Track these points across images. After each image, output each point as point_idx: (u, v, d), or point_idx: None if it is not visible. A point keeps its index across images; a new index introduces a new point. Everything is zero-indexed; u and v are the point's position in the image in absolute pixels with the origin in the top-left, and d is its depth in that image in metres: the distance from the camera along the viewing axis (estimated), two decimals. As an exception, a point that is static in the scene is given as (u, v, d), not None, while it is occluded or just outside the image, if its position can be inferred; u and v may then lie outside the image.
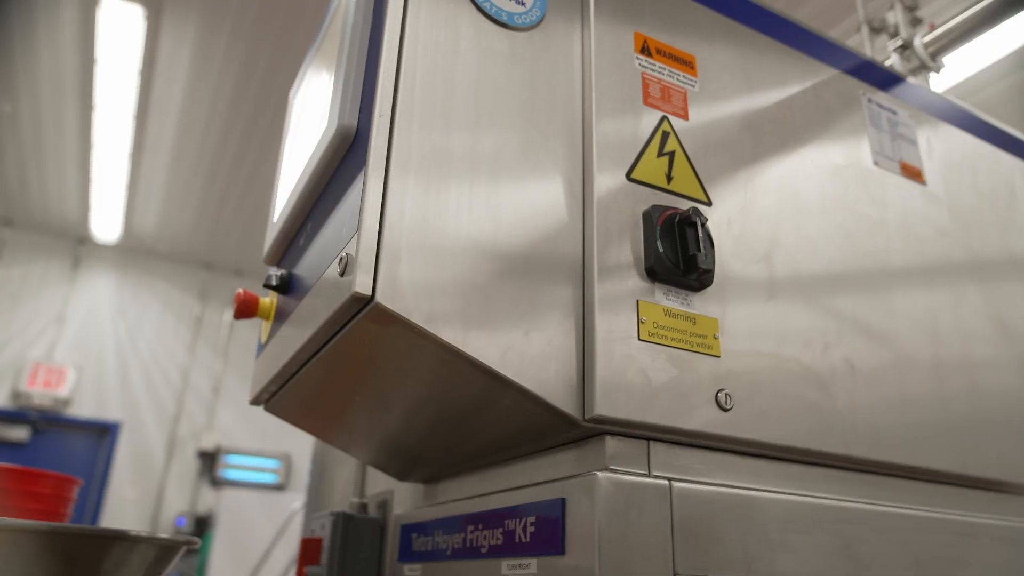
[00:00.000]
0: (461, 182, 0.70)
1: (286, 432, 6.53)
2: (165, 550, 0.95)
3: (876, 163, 1.03)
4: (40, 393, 6.19)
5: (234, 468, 6.59)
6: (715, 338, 0.76)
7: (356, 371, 0.75)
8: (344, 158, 0.76)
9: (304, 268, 0.82)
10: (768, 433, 0.76)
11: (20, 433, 6.11)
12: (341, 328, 0.68)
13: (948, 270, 1.04)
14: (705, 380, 0.73)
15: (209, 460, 6.63)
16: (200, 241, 6.81)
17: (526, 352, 0.67)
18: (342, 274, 0.64)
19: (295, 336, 0.78)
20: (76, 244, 6.87)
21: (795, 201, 0.91)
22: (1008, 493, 0.97)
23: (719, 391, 0.74)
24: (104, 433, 6.49)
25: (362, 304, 0.63)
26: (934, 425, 0.91)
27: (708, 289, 0.78)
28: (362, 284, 0.61)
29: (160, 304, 7.06)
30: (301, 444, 5.94)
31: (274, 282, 0.87)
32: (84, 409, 6.42)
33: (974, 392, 0.98)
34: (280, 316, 0.89)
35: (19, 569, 0.77)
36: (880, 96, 1.10)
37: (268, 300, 0.95)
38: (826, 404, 0.82)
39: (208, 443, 6.63)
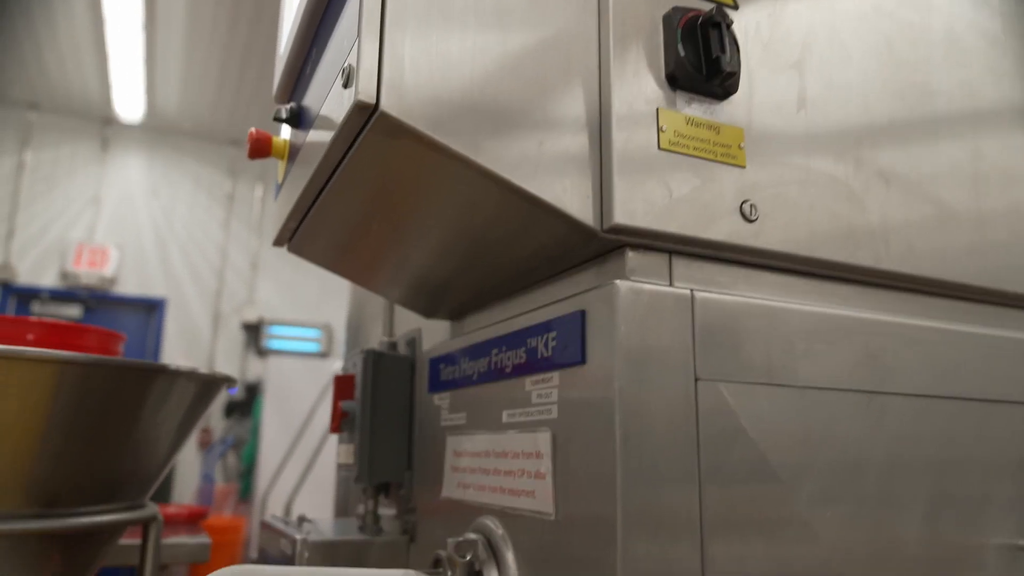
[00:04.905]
0: (466, -15, 0.66)
1: (325, 303, 6.71)
2: (206, 386, 0.99)
3: (922, -37, 0.95)
4: (87, 273, 6.40)
5: (278, 338, 6.84)
6: (740, 148, 0.73)
7: (370, 195, 0.74)
8: (343, -32, 0.72)
9: (312, 96, 0.80)
10: (795, 245, 0.74)
11: (73, 311, 6.37)
12: (350, 147, 0.66)
13: (995, 81, 0.97)
14: (729, 191, 0.71)
15: (254, 332, 6.88)
16: (223, 117, 6.74)
17: (540, 162, 0.65)
18: (345, 85, 0.62)
19: (308, 165, 0.77)
20: (102, 125, 6.85)
21: (830, 3, 0.85)
22: (1043, 309, 0.95)
23: (744, 202, 0.71)
24: (151, 309, 6.74)
25: (367, 114, 0.60)
26: (970, 242, 0.88)
27: (733, 97, 0.74)
28: (365, 92, 0.59)
29: (191, 183, 7.11)
30: (340, 314, 6.12)
31: (284, 115, 0.84)
32: (130, 287, 6.64)
33: (1014, 210, 0.94)
34: (293, 153, 0.88)
35: (64, 402, 0.81)
36: None
37: (282, 140, 0.94)
38: (857, 218, 0.79)
39: (251, 316, 6.85)
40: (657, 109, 0.69)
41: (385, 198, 0.74)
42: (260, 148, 0.91)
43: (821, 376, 0.71)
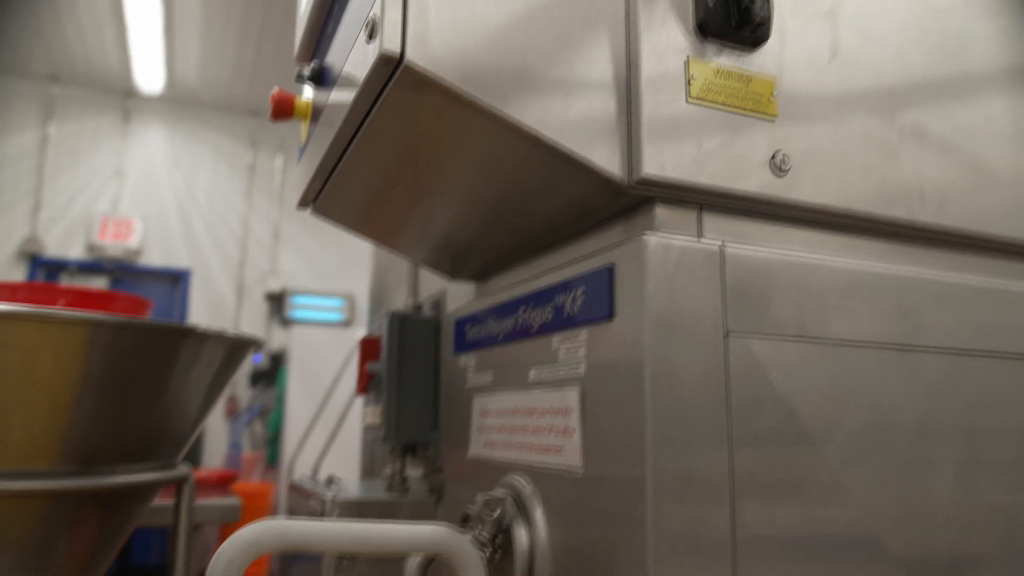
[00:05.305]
0: (490, -66, 0.64)
1: (347, 272, 6.75)
2: (233, 348, 1.00)
3: (961, -94, 0.91)
4: (112, 245, 6.47)
5: (301, 308, 6.90)
6: (771, 99, 0.71)
7: (395, 153, 0.73)
8: (364, -80, 0.70)
9: (335, 54, 0.79)
10: (827, 198, 0.72)
11: (100, 283, 6.45)
12: (375, 102, 0.66)
13: (1036, 29, 0.94)
14: (760, 143, 0.69)
15: (277, 302, 6.94)
16: (243, 88, 6.73)
17: (567, 115, 0.64)
18: (370, 38, 0.61)
19: (331, 124, 0.76)
20: (123, 97, 6.88)
21: (865, -51, 0.82)
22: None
23: (775, 154, 0.70)
24: (176, 280, 6.81)
25: (392, 67, 0.60)
26: (1006, 197, 0.86)
27: (764, 47, 0.72)
28: (390, 43, 0.58)
29: (212, 154, 7.13)
30: (362, 284, 6.14)
31: (307, 73, 0.84)
32: (155, 259, 6.70)
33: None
34: (316, 113, 0.87)
35: (96, 363, 0.82)
36: None
37: (304, 100, 0.93)
38: (891, 171, 0.78)
39: (274, 286, 6.91)
40: (687, 59, 0.68)
41: (410, 155, 0.73)
42: (283, 109, 0.91)
43: (854, 332, 0.70)
